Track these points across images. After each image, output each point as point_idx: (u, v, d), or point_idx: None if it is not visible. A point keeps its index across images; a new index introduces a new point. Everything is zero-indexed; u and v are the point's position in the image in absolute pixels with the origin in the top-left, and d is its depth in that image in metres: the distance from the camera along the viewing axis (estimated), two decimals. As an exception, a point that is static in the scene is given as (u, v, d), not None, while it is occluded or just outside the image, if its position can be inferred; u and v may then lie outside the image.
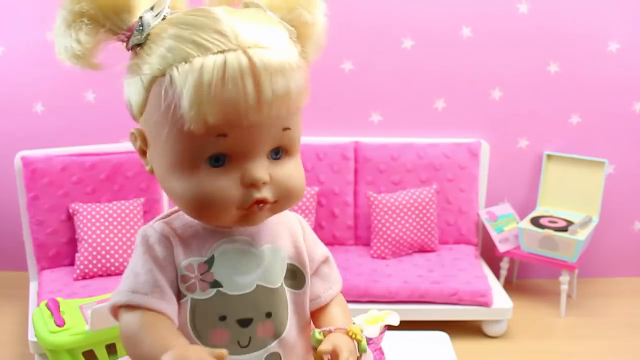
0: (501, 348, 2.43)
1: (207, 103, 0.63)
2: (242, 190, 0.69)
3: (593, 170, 2.76)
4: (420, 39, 2.77)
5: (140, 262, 0.73)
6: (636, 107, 2.84)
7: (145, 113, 0.70)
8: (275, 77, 0.64)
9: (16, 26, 2.68)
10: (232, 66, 0.63)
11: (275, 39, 0.67)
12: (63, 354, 1.59)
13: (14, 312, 2.59)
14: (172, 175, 0.70)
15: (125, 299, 0.72)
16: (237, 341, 0.75)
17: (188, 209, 0.71)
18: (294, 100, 0.67)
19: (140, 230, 0.77)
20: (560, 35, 2.75)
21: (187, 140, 0.66)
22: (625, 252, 3.02)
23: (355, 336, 0.78)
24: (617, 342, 2.47)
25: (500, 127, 2.87)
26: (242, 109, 0.64)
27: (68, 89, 2.74)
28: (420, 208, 2.68)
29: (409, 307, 2.43)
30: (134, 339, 0.70)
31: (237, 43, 0.64)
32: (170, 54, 0.65)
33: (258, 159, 0.69)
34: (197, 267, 0.74)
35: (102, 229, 2.43)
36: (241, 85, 0.63)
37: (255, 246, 0.77)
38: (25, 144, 2.62)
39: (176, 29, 0.66)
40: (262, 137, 0.68)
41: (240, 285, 0.74)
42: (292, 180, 0.72)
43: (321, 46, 0.77)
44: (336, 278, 0.86)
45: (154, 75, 0.66)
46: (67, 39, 0.69)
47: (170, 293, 0.72)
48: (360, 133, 2.86)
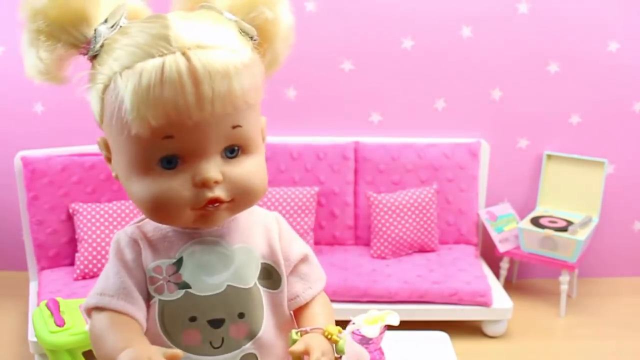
0: (501, 348, 2.43)
1: (147, 106, 0.64)
2: (194, 191, 0.69)
3: (593, 170, 2.76)
4: (420, 39, 2.77)
5: (111, 265, 0.76)
6: (636, 107, 2.84)
7: (104, 121, 0.71)
8: (216, 76, 0.65)
9: (16, 26, 2.68)
10: (170, 68, 0.64)
11: (219, 38, 0.68)
12: (63, 354, 1.59)
13: (14, 312, 2.59)
14: (129, 178, 0.71)
15: (93, 301, 0.74)
16: (209, 342, 0.75)
17: (145, 211, 0.72)
18: (239, 98, 0.67)
19: (115, 235, 0.79)
20: (560, 35, 2.75)
21: (136, 144, 0.68)
22: (625, 252, 3.02)
23: (331, 337, 0.77)
24: (617, 342, 2.47)
25: (500, 127, 2.87)
26: (183, 109, 0.65)
27: (68, 89, 2.74)
28: (420, 208, 2.68)
29: (409, 307, 2.43)
30: (98, 339, 0.72)
31: (178, 45, 0.65)
32: (117, 62, 0.67)
33: (210, 158, 0.69)
34: (165, 268, 0.75)
35: (102, 229, 2.43)
36: (179, 86, 0.64)
37: (225, 246, 0.77)
38: (25, 144, 2.62)
39: (126, 38, 0.68)
40: (210, 136, 0.68)
41: (209, 286, 0.75)
42: (249, 179, 0.72)
43: (290, 43, 0.77)
44: (317, 277, 0.85)
45: (104, 84, 0.68)
46: (30, 57, 0.72)
47: (137, 295, 0.74)
48: (360, 133, 2.86)
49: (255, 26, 0.73)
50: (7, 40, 2.71)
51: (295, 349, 0.74)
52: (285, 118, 2.84)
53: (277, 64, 0.78)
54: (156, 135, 0.67)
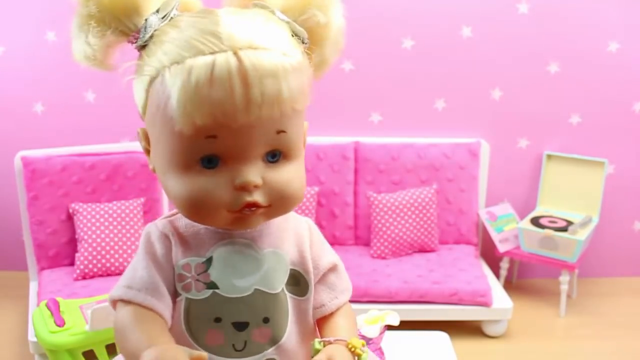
0: (501, 348, 2.43)
1: (194, 104, 0.63)
2: (233, 193, 0.68)
3: (593, 170, 2.76)
4: (420, 39, 2.77)
5: (139, 258, 0.74)
6: (636, 107, 2.84)
7: (147, 113, 0.70)
8: (266, 79, 0.64)
9: (16, 26, 2.68)
10: (220, 67, 0.63)
11: (271, 40, 0.66)
12: (63, 354, 1.59)
13: (14, 312, 2.59)
14: (168, 174, 0.70)
15: (119, 293, 0.72)
16: (232, 344, 0.74)
17: (181, 208, 0.71)
18: (287, 103, 0.66)
19: (146, 227, 0.77)
20: (560, 35, 2.75)
21: (179, 140, 0.67)
22: (625, 252, 3.02)
23: (354, 349, 0.75)
24: (617, 342, 2.47)
25: (500, 127, 2.87)
26: (230, 110, 0.63)
27: (68, 89, 2.74)
28: (420, 208, 2.68)
29: (409, 307, 2.43)
30: (123, 333, 0.70)
31: (230, 44, 0.64)
32: (166, 55, 0.65)
33: (251, 161, 0.68)
34: (194, 267, 0.73)
35: (102, 229, 2.43)
36: (228, 86, 0.63)
37: (256, 250, 0.76)
38: (25, 144, 2.62)
39: (176, 32, 0.67)
40: (254, 139, 0.67)
41: (237, 288, 0.73)
42: (288, 185, 0.71)
43: (340, 47, 0.76)
44: (344, 287, 0.83)
45: (151, 76, 0.67)
46: (79, 41, 0.70)
47: (164, 291, 0.72)
48: (360, 133, 2.86)
49: (306, 29, 0.72)
50: (7, 40, 2.71)
51: (317, 359, 0.73)
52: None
53: (325, 67, 0.77)
54: (199, 134, 0.65)
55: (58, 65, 2.68)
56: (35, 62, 2.69)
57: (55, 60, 2.67)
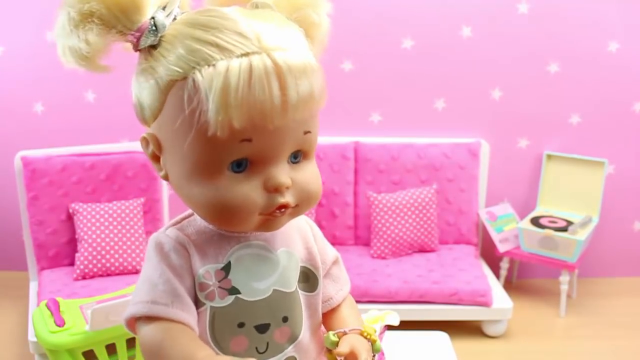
0: (501, 348, 2.43)
1: (234, 107, 0.61)
2: (266, 196, 0.67)
3: (593, 170, 2.76)
4: (420, 39, 2.77)
5: (157, 271, 0.70)
6: (636, 107, 2.84)
7: (161, 117, 0.67)
8: (300, 80, 0.63)
9: (16, 26, 2.68)
10: (258, 69, 0.61)
11: (294, 41, 0.66)
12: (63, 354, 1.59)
13: (14, 312, 2.59)
14: (191, 181, 0.67)
15: (144, 310, 0.68)
16: (255, 347, 0.73)
17: (209, 215, 0.69)
18: (316, 103, 0.66)
19: (153, 238, 0.73)
20: (560, 35, 2.75)
21: (210, 145, 0.64)
22: (625, 252, 3.02)
23: (370, 336, 0.77)
24: (617, 342, 2.47)
25: (500, 127, 2.87)
26: (269, 112, 0.62)
27: (68, 89, 2.74)
28: (420, 208, 2.68)
29: (409, 307, 2.43)
30: (157, 351, 0.67)
31: (260, 45, 0.63)
32: (191, 56, 0.63)
33: (280, 163, 0.68)
34: (214, 274, 0.72)
35: (102, 229, 2.43)
36: (267, 88, 0.62)
37: (270, 251, 0.75)
38: (25, 144, 2.62)
39: (193, 30, 0.64)
40: (286, 141, 0.67)
41: (257, 291, 0.73)
42: (312, 184, 0.71)
43: (324, 46, 0.76)
44: (346, 278, 0.85)
45: (173, 78, 0.64)
46: (73, 40, 0.66)
47: (189, 302, 0.70)
48: (360, 133, 2.86)
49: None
50: (7, 40, 2.71)
51: (341, 350, 0.73)
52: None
53: None
54: (235, 138, 0.63)
55: (58, 65, 2.65)
56: (35, 62, 2.69)
57: (55, 60, 2.63)
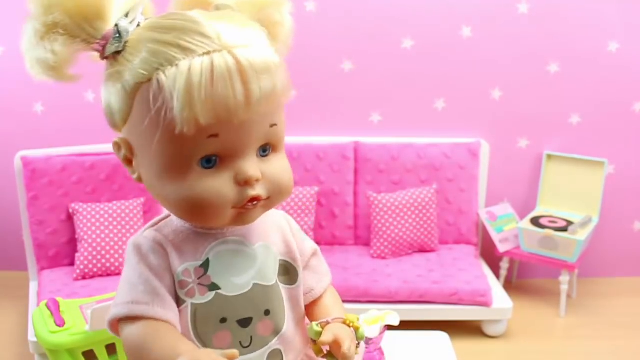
0: (501, 348, 2.43)
1: (199, 104, 0.63)
2: (237, 189, 0.69)
3: (593, 170, 2.76)
4: (420, 39, 2.77)
5: (136, 272, 0.72)
6: (636, 107, 2.84)
7: (130, 120, 0.69)
8: (262, 75, 0.65)
9: (16, 26, 2.67)
10: (220, 66, 0.64)
11: (255, 39, 0.68)
12: (63, 354, 1.59)
13: (14, 312, 2.59)
14: (163, 180, 0.69)
15: (125, 311, 0.71)
16: (239, 342, 0.75)
17: (183, 212, 0.71)
18: (280, 96, 0.69)
19: (131, 241, 0.75)
20: (560, 35, 2.75)
21: (178, 143, 0.66)
22: (625, 252, 3.02)
23: (352, 324, 0.79)
24: (617, 342, 2.47)
25: (500, 127, 2.87)
26: (233, 107, 0.64)
27: (68, 89, 2.74)
28: (420, 208, 2.68)
29: (409, 307, 2.43)
30: (140, 350, 0.69)
31: (221, 44, 0.65)
32: (154, 58, 0.65)
33: (248, 156, 0.70)
34: (193, 271, 0.73)
35: (102, 229, 2.43)
36: (230, 84, 0.64)
37: (248, 245, 0.77)
38: (25, 144, 2.62)
39: (156, 34, 0.66)
40: (252, 134, 0.69)
41: (237, 286, 0.75)
42: (282, 176, 0.73)
43: (289, 46, 0.78)
44: (326, 270, 0.87)
45: (138, 81, 0.66)
46: (39, 52, 0.68)
47: (170, 300, 0.72)
48: (360, 133, 2.86)
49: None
50: (7, 40, 2.71)
51: (325, 340, 0.75)
52: (286, 118, 2.84)
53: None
54: (202, 134, 0.66)
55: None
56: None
57: (55, 60, 2.67)
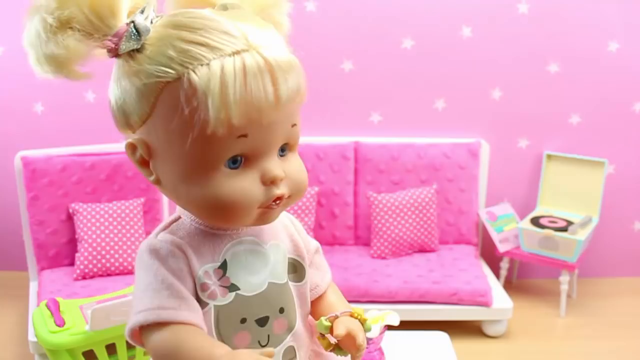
0: (501, 348, 2.43)
1: (233, 105, 0.63)
2: (263, 189, 0.70)
3: (593, 170, 2.76)
4: (420, 39, 2.77)
5: (158, 277, 0.70)
6: (636, 107, 2.84)
7: (152, 120, 0.68)
8: (288, 74, 0.66)
9: (16, 26, 2.67)
10: (252, 67, 0.64)
11: (275, 38, 0.68)
12: (63, 354, 1.59)
13: (14, 312, 2.59)
14: (188, 181, 0.69)
15: (152, 317, 0.68)
16: (257, 341, 0.76)
17: (209, 213, 0.70)
18: (303, 95, 0.69)
19: (146, 245, 0.73)
20: (560, 35, 2.75)
21: (208, 143, 0.65)
22: (625, 252, 3.02)
23: (360, 316, 0.80)
24: (617, 342, 2.47)
25: (500, 127, 2.87)
26: (264, 108, 0.65)
27: (68, 89, 2.74)
28: (420, 208, 2.68)
29: (409, 307, 2.43)
30: (174, 356, 0.68)
31: (248, 43, 0.65)
32: (182, 57, 0.64)
33: (272, 156, 0.70)
34: (213, 273, 0.73)
35: (102, 229, 2.43)
36: (262, 85, 0.64)
37: (261, 245, 0.78)
38: (25, 144, 2.62)
39: (179, 32, 0.65)
40: (277, 134, 0.69)
41: (254, 285, 0.75)
42: (301, 175, 0.74)
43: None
44: (327, 266, 0.88)
45: (164, 80, 0.64)
46: (51, 48, 0.66)
47: (195, 303, 0.71)
48: (360, 133, 2.86)
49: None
50: (7, 40, 2.71)
51: (339, 334, 0.76)
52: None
53: None
54: (232, 135, 0.65)
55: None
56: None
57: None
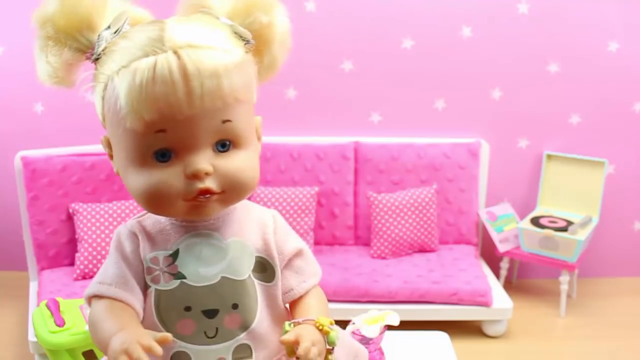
0: (501, 348, 2.43)
1: (141, 101, 0.68)
2: (186, 182, 0.73)
3: (593, 170, 2.76)
4: (420, 39, 2.77)
5: (111, 257, 0.81)
6: (636, 107, 2.84)
7: (105, 119, 0.76)
8: (205, 73, 0.69)
9: (16, 26, 2.68)
10: (162, 65, 0.68)
11: (210, 39, 0.71)
12: (63, 354, 1.59)
13: (14, 312, 2.59)
14: (127, 172, 0.75)
15: (92, 289, 0.78)
16: (203, 331, 0.78)
17: (140, 202, 0.76)
18: (228, 94, 0.71)
19: (117, 229, 0.83)
20: (560, 35, 2.75)
21: (132, 138, 0.72)
22: (625, 252, 3.02)
23: (322, 327, 0.79)
24: (617, 342, 2.47)
25: (500, 127, 2.87)
26: (174, 104, 0.68)
27: (67, 90, 2.74)
28: (420, 208, 2.68)
29: (409, 307, 2.43)
30: (95, 325, 0.75)
31: (170, 45, 0.69)
32: (115, 62, 0.71)
33: (201, 151, 0.73)
34: (162, 259, 0.79)
35: (102, 229, 2.43)
36: (170, 82, 0.68)
37: (219, 239, 0.80)
38: (25, 144, 2.62)
39: (125, 41, 0.72)
40: (200, 129, 0.72)
41: (204, 277, 0.78)
42: (239, 172, 0.75)
43: (288, 47, 0.81)
44: (313, 271, 0.87)
45: (104, 83, 0.73)
46: (40, 62, 0.76)
47: (134, 284, 0.78)
48: (360, 133, 2.86)
49: (253, 31, 0.77)
50: (7, 40, 2.71)
51: (285, 339, 0.76)
52: (285, 118, 2.84)
53: (276, 67, 0.82)
54: (150, 130, 0.71)
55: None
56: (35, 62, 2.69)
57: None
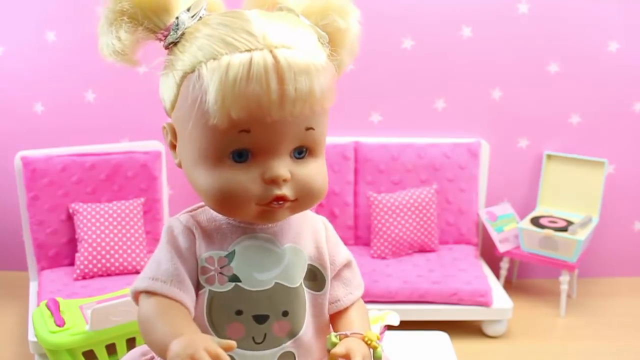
0: (501, 348, 2.43)
1: (231, 98, 0.65)
2: (263, 186, 0.71)
3: (593, 170, 2.76)
4: (420, 39, 2.77)
5: (163, 251, 0.76)
6: (636, 107, 2.84)
7: (176, 108, 0.73)
8: (299, 76, 0.66)
9: (16, 26, 2.68)
10: (258, 64, 0.65)
11: (301, 41, 0.70)
12: (63, 354, 1.59)
13: (14, 312, 2.59)
14: (197, 168, 0.72)
15: (144, 285, 0.74)
16: (252, 337, 0.76)
17: (210, 201, 0.73)
18: (317, 100, 0.69)
19: (167, 222, 0.79)
20: (560, 35, 2.75)
21: (211, 134, 0.69)
22: (625, 252, 3.02)
23: (371, 342, 0.78)
24: (617, 342, 2.47)
25: (500, 127, 2.87)
26: (265, 105, 0.66)
27: (68, 89, 2.74)
28: (420, 208, 2.68)
29: (409, 307, 2.43)
30: (148, 324, 0.72)
31: (265, 43, 0.67)
32: (201, 51, 0.68)
33: (280, 156, 0.71)
34: (217, 260, 0.76)
35: (102, 229, 2.43)
36: (265, 82, 0.65)
37: (276, 244, 0.78)
38: (25, 144, 2.62)
39: (208, 29, 0.70)
40: (285, 135, 0.70)
41: (258, 282, 0.76)
42: (314, 180, 0.73)
43: (355, 53, 0.78)
44: (358, 283, 0.86)
45: (185, 71, 0.69)
46: (108, 37, 0.73)
47: (188, 283, 0.74)
48: (360, 133, 2.86)
49: (326, 33, 0.75)
50: (7, 40, 2.71)
51: (337, 351, 0.75)
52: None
53: (341, 72, 0.79)
54: (233, 128, 0.68)
55: (58, 65, 2.68)
56: (35, 62, 2.69)
57: (55, 60, 2.67)
